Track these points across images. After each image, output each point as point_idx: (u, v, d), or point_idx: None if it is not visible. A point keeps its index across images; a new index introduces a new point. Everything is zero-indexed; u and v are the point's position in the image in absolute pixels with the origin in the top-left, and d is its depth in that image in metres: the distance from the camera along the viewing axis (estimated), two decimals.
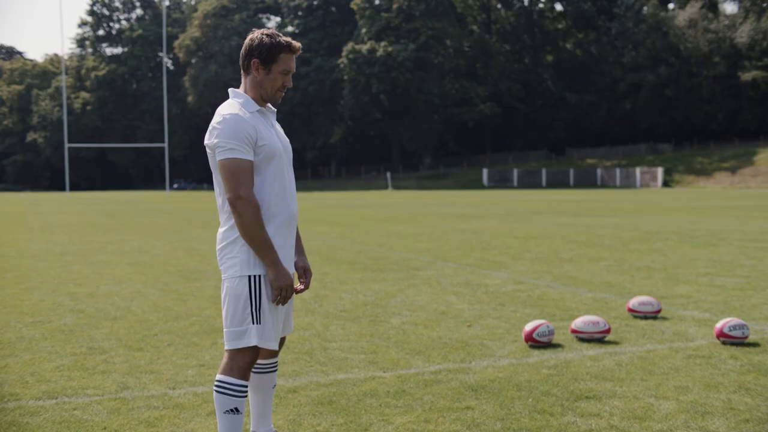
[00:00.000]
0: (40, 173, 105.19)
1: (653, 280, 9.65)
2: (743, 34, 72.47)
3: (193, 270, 11.08)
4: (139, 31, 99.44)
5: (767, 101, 73.40)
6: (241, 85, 3.49)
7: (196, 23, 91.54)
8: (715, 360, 5.58)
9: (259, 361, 3.69)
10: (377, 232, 17.67)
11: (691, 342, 6.19)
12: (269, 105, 3.53)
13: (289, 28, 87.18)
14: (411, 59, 74.28)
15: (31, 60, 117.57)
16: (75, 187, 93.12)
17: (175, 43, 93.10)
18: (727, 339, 6.02)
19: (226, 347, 3.45)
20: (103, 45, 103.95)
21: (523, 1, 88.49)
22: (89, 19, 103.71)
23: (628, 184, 67.52)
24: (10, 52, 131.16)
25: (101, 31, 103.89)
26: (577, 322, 6.31)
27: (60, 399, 4.77)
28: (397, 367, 5.48)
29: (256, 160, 3.34)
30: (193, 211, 30.19)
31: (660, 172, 65.24)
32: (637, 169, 67.21)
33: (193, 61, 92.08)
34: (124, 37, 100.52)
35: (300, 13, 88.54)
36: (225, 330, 3.45)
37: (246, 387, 3.45)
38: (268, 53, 3.36)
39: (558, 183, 71.48)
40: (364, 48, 74.93)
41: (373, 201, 39.12)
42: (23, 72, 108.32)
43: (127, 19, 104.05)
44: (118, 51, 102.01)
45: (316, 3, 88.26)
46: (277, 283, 3.35)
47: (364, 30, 78.07)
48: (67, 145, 60.59)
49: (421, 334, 6.62)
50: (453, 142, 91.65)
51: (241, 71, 3.48)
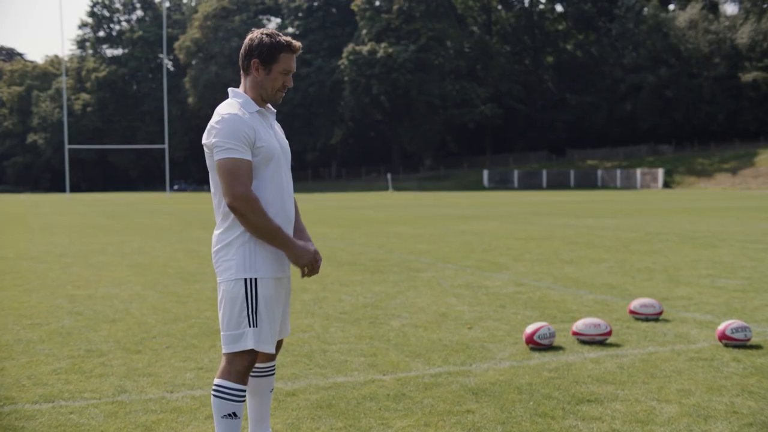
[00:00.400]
0: (40, 175, 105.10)
1: (654, 281, 9.61)
2: (744, 35, 72.45)
3: (193, 272, 11.05)
4: (140, 32, 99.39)
5: None
6: (241, 85, 3.45)
7: (197, 24, 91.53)
8: (718, 363, 5.54)
9: (256, 364, 3.65)
10: (378, 234, 17.64)
11: (693, 344, 6.15)
12: (269, 106, 3.49)
13: (290, 30, 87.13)
14: (411, 60, 74.25)
15: (31, 61, 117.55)
16: (75, 188, 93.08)
17: (176, 44, 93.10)
18: (729, 341, 5.98)
19: (224, 351, 3.42)
20: (104, 46, 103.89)
21: (523, 2, 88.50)
22: (89, 20, 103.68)
23: (629, 185, 67.47)
24: (11, 54, 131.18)
25: (101, 33, 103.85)
26: (579, 325, 6.27)
27: (57, 402, 4.74)
28: (397, 370, 5.44)
29: (254, 161, 3.31)
30: (193, 212, 30.15)
31: (660, 173, 65.19)
32: (638, 170, 67.16)
33: (194, 62, 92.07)
34: (125, 38, 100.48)
35: (300, 14, 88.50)
36: (222, 333, 3.43)
37: (244, 391, 3.42)
38: (268, 53, 3.32)
39: (558, 184, 71.44)
40: (365, 49, 74.90)
41: (373, 202, 39.09)
42: (23, 73, 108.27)
43: (128, 21, 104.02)
44: (119, 52, 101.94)
45: (316, 4, 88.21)
46: (301, 262, 3.38)
47: (364, 31, 78.03)
48: (67, 146, 60.55)
49: (421, 336, 6.58)
50: (453, 143, 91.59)
51: (241, 71, 3.44)
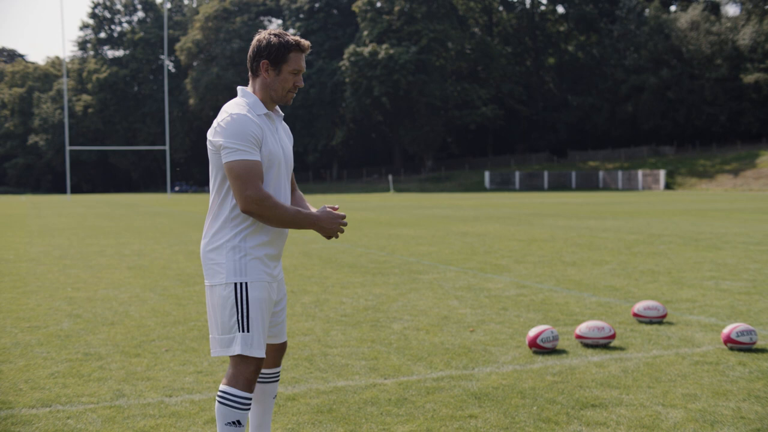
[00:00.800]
0: (41, 176, 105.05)
1: (658, 284, 9.54)
2: (745, 37, 72.32)
3: (192, 274, 10.98)
4: (141, 33, 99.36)
5: None
6: (249, 86, 3.38)
7: (198, 26, 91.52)
8: (723, 366, 5.47)
9: (262, 370, 3.59)
10: (379, 235, 17.57)
11: (698, 348, 6.09)
12: (277, 108, 3.43)
13: (291, 31, 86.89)
14: (412, 62, 74.17)
15: (32, 63, 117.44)
16: (76, 189, 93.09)
17: (177, 45, 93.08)
18: (734, 345, 5.92)
19: (213, 354, 3.36)
20: (105, 48, 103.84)
21: (524, 4, 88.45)
22: (91, 21, 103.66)
23: (630, 186, 67.36)
24: (12, 55, 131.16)
25: (103, 34, 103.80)
26: (582, 328, 6.21)
27: (54, 407, 4.68)
28: (399, 374, 5.38)
29: None
30: (193, 213, 30.08)
31: (662, 174, 65.08)
32: (639, 172, 67.04)
33: (195, 63, 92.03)
34: (126, 39, 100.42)
35: (301, 15, 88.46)
36: (211, 337, 3.37)
37: (250, 399, 3.34)
38: (277, 53, 3.25)
39: (560, 186, 71.35)
40: (366, 50, 74.83)
41: (374, 203, 39.02)
42: (25, 75, 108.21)
43: (129, 22, 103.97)
44: (120, 54, 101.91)
45: (317, 5, 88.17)
46: (327, 230, 3.34)
47: (365, 32, 77.96)
48: (68, 147, 60.42)
49: (423, 339, 6.51)
50: (455, 144, 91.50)
51: (249, 73, 3.36)
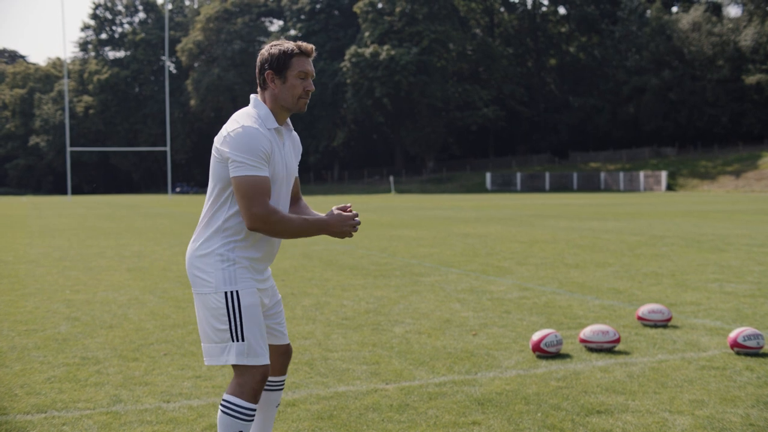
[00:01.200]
0: (42, 177, 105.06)
1: (661, 286, 9.45)
2: (747, 38, 72.18)
3: None
4: (142, 34, 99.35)
5: None
6: (259, 95, 3.32)
7: (199, 27, 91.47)
8: (730, 371, 5.38)
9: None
10: (380, 237, 17.49)
11: (704, 352, 6.00)
12: (288, 122, 3.36)
13: (292, 32, 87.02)
14: (414, 63, 74.07)
15: (33, 64, 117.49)
16: (77, 190, 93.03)
17: (178, 46, 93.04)
18: (741, 349, 5.83)
19: (207, 363, 3.27)
20: (106, 48, 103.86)
21: (526, 5, 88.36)
22: (92, 22, 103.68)
23: (632, 187, 67.25)
24: (13, 56, 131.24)
25: (104, 35, 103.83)
26: (586, 332, 6.12)
27: (49, 413, 4.59)
28: (400, 379, 5.30)
29: None
30: (194, 214, 29.99)
31: (664, 175, 64.95)
32: (641, 173, 66.91)
33: (196, 64, 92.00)
34: (127, 40, 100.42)
35: (303, 16, 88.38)
36: (203, 345, 3.27)
37: (255, 411, 3.24)
38: (278, 61, 3.21)
39: (561, 187, 71.23)
40: (367, 51, 74.75)
41: (375, 205, 38.94)
42: (26, 76, 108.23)
43: (130, 23, 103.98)
44: (121, 55, 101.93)
45: (318, 6, 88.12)
46: (338, 233, 3.27)
47: (366, 33, 77.88)
48: (69, 148, 60.40)
49: (424, 343, 6.43)
50: (456, 145, 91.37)
51: (259, 89, 3.30)
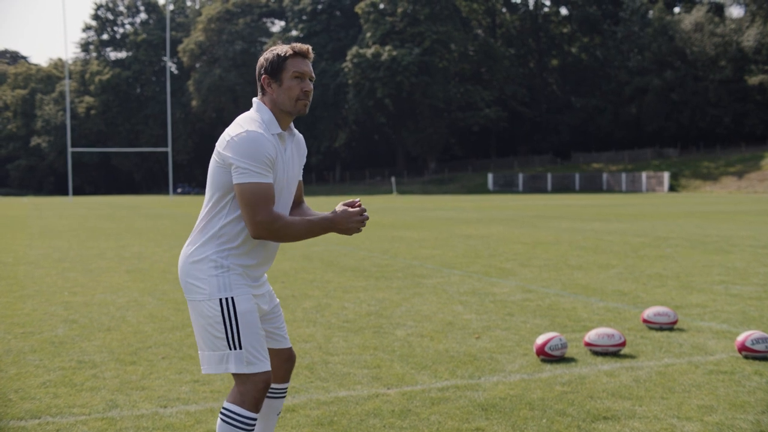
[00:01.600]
0: (44, 178, 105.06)
1: (666, 288, 9.35)
2: (750, 38, 72.02)
3: None
4: (143, 35, 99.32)
5: None
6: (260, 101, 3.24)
7: (200, 27, 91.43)
8: (739, 376, 5.28)
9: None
10: (382, 238, 17.38)
11: (712, 356, 5.89)
12: (291, 126, 3.27)
13: (294, 33, 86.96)
14: (416, 63, 73.95)
15: (35, 64, 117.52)
16: (79, 191, 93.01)
17: (179, 47, 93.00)
18: (749, 353, 5.72)
19: (204, 371, 3.16)
20: (107, 49, 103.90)
21: (528, 6, 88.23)
22: (93, 23, 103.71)
23: (634, 188, 67.10)
24: (15, 57, 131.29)
25: (105, 36, 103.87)
26: (591, 335, 6.02)
27: (43, 419, 4.49)
28: (402, 384, 5.20)
29: None
30: (195, 215, 29.90)
31: (666, 176, 64.79)
32: (643, 174, 66.76)
33: (197, 65, 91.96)
34: (128, 41, 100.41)
35: (304, 17, 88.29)
36: (200, 353, 3.17)
37: (256, 420, 3.13)
38: (272, 64, 3.15)
39: (563, 188, 71.09)
40: (369, 52, 74.63)
41: (377, 206, 38.84)
42: (27, 76, 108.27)
43: (132, 24, 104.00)
44: (122, 55, 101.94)
45: (320, 7, 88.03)
46: (345, 230, 3.15)
47: (368, 34, 77.76)
48: (70, 149, 60.34)
49: (427, 346, 6.33)
50: (458, 146, 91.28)
51: (260, 95, 3.22)
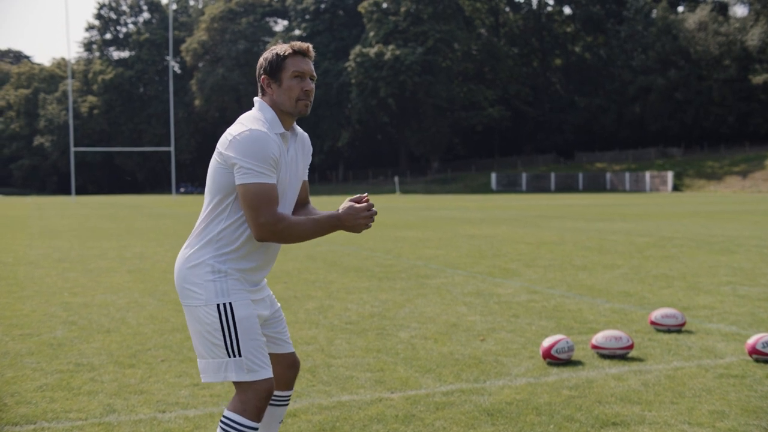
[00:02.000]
0: (47, 177, 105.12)
1: (673, 289, 9.23)
2: (754, 37, 71.78)
3: None
4: (146, 34, 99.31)
5: None
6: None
7: (203, 27, 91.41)
8: (750, 380, 5.16)
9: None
10: (385, 238, 17.27)
11: (721, 359, 5.78)
12: (295, 126, 3.18)
13: (297, 32, 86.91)
14: (419, 63, 73.85)
15: (38, 64, 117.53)
16: (82, 190, 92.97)
17: (182, 46, 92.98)
18: (760, 356, 5.60)
19: (204, 380, 3.05)
20: (110, 49, 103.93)
21: (531, 5, 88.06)
22: (96, 22, 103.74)
23: (638, 188, 66.92)
24: (18, 57, 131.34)
25: (108, 35, 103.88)
26: (598, 338, 5.91)
27: (39, 424, 4.39)
28: (406, 387, 5.09)
29: None
30: (198, 215, 29.81)
31: (670, 176, 64.60)
32: (647, 173, 66.57)
33: (200, 64, 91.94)
34: (131, 40, 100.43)
35: (307, 16, 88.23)
36: (199, 361, 3.06)
37: (257, 430, 3.03)
38: (271, 64, 3.06)
39: (567, 187, 70.93)
40: (372, 51, 74.54)
41: (380, 205, 38.73)
42: (30, 76, 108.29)
43: (135, 23, 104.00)
44: (125, 55, 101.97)
45: (323, 6, 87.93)
46: (353, 228, 3.03)
47: (371, 33, 77.67)
48: (72, 149, 60.25)
49: (431, 349, 6.22)
50: (461, 146, 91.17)
51: (260, 95, 3.14)
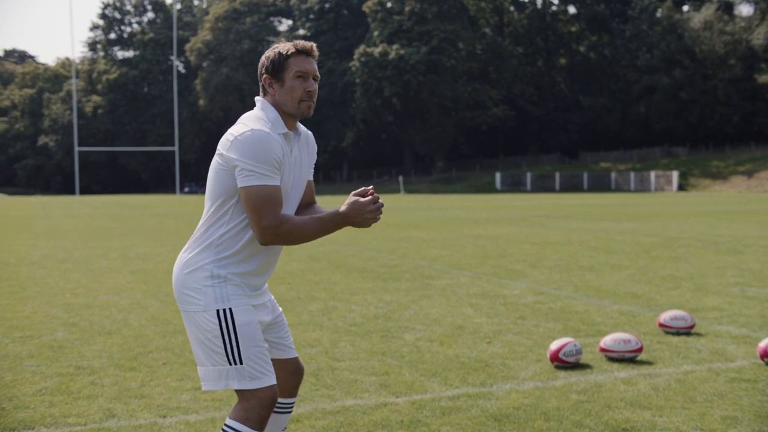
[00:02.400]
0: (51, 177, 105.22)
1: (681, 290, 9.12)
2: (759, 36, 71.52)
3: None
4: (151, 34, 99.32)
5: None
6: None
7: (208, 26, 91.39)
8: (763, 385, 5.06)
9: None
10: (389, 238, 17.18)
11: (732, 362, 5.67)
12: (298, 125, 3.08)
13: (301, 31, 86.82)
14: (423, 62, 73.71)
15: (42, 64, 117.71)
16: (86, 190, 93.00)
17: (187, 46, 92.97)
18: None
19: (204, 388, 2.96)
20: (115, 48, 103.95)
21: (535, 4, 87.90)
22: (101, 22, 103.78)
23: (643, 188, 66.73)
24: (22, 56, 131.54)
25: (112, 35, 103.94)
26: (607, 340, 5.81)
27: (37, 429, 4.31)
28: (411, 392, 5.00)
29: None
30: (201, 215, 29.75)
31: (675, 175, 64.39)
32: (652, 173, 66.38)
33: (205, 64, 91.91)
34: (136, 40, 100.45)
35: (312, 16, 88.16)
36: (199, 368, 2.98)
37: None
38: (273, 63, 2.98)
39: (572, 187, 70.76)
40: (376, 51, 74.42)
41: (385, 205, 38.62)
42: (35, 76, 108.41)
43: (139, 23, 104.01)
44: (130, 54, 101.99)
45: (327, 6, 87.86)
46: (359, 223, 2.91)
47: (376, 33, 77.56)
48: (77, 148, 60.30)
49: (436, 352, 6.12)
50: (465, 145, 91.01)
51: (261, 94, 3.06)
